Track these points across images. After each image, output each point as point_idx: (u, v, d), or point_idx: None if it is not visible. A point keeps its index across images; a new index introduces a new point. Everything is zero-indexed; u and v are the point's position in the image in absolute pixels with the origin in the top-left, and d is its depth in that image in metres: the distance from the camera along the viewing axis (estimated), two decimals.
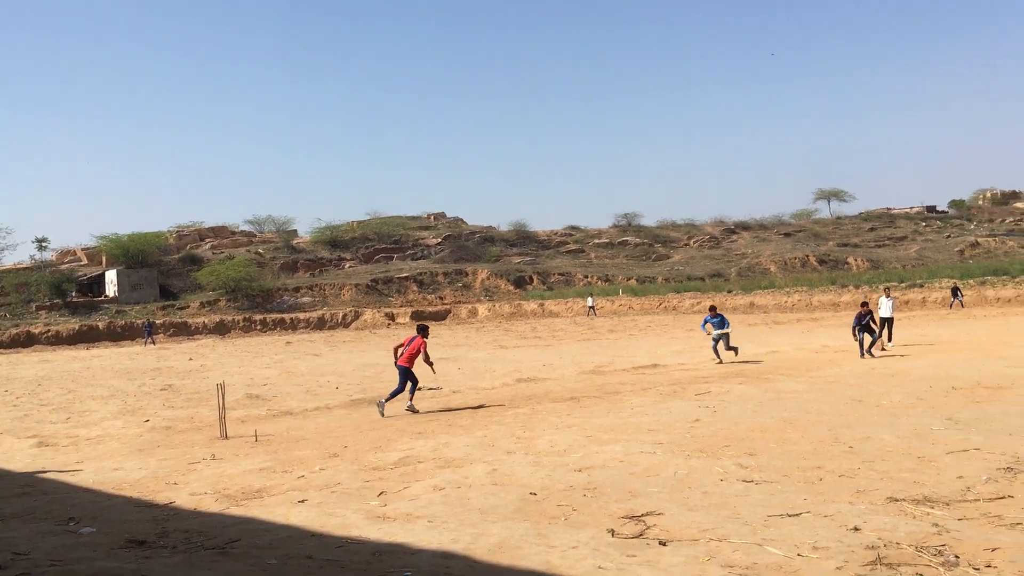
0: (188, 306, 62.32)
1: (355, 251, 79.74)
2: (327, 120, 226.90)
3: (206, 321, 57.30)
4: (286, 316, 59.82)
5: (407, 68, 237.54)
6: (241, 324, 57.68)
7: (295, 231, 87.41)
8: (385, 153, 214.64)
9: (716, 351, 21.14)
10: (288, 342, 43.60)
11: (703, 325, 22.11)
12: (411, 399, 14.56)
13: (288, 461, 10.51)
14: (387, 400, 14.44)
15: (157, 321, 55.04)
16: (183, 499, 8.71)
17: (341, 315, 60.24)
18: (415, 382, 14.76)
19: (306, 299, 65.87)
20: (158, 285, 66.10)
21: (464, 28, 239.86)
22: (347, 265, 76.94)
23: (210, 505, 8.40)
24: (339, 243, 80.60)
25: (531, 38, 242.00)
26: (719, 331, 21.24)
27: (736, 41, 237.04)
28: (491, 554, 6.26)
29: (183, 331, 55.41)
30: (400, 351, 14.97)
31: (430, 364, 15.00)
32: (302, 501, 8.23)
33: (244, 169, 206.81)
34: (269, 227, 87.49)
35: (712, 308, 22.33)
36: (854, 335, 20.83)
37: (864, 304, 21.50)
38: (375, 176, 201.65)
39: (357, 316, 60.13)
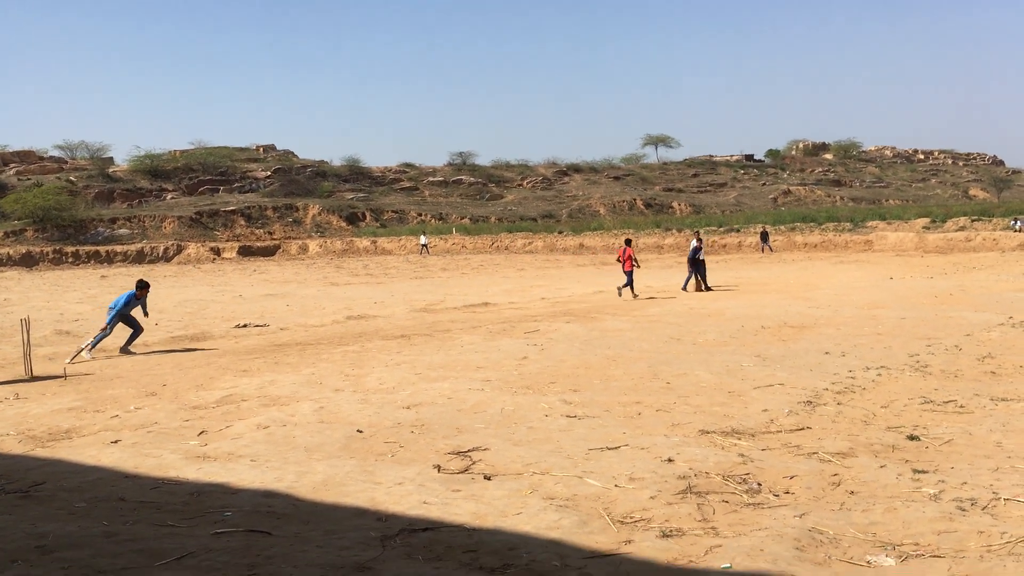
0: None
1: (178, 182, 75.76)
2: (148, 42, 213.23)
3: (11, 252, 53.20)
4: (101, 249, 56.43)
5: None
6: (51, 256, 54.01)
7: (111, 159, 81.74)
8: (210, 80, 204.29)
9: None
10: (103, 276, 41.26)
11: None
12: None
13: (101, 400, 9.98)
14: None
15: None
16: None
17: (162, 249, 57.39)
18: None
19: (124, 231, 62.24)
20: None
21: None
22: (169, 196, 73.10)
23: (12, 447, 7.88)
24: (160, 173, 76.17)
25: None
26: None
27: None
28: (315, 492, 6.19)
29: None
30: None
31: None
32: (115, 442, 7.85)
33: (53, 90, 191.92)
34: (82, 153, 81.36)
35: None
36: (689, 267, 23.12)
37: (698, 239, 23.91)
38: (200, 104, 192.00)
39: (180, 250, 57.48)
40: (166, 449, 7.50)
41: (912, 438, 7.15)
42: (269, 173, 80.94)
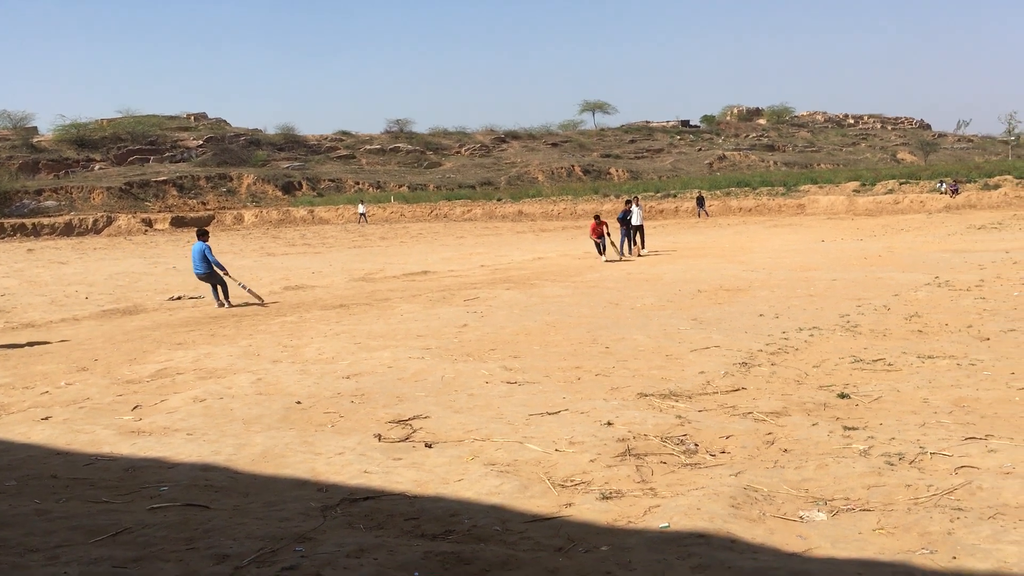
0: None
1: (106, 152, 73.57)
2: (70, 5, 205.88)
3: None
4: (27, 221, 54.63)
5: None
6: None
7: (35, 128, 78.92)
8: (138, 46, 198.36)
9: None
10: (30, 249, 40.02)
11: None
12: None
13: (29, 376, 9.72)
14: None
15: None
16: None
17: (91, 220, 55.80)
18: None
19: (50, 203, 60.33)
20: None
21: None
22: (97, 167, 70.99)
23: None
24: (87, 143, 73.83)
25: None
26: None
27: None
28: (254, 464, 6.13)
29: None
30: None
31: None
32: (46, 418, 7.66)
33: None
34: (4, 123, 78.43)
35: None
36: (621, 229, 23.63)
37: (627, 202, 24.58)
38: (127, 71, 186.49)
39: (110, 222, 55.96)
40: (99, 425, 7.35)
41: (843, 396, 7.33)
42: (201, 142, 79.10)
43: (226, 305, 15.43)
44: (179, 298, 17.25)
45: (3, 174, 62.37)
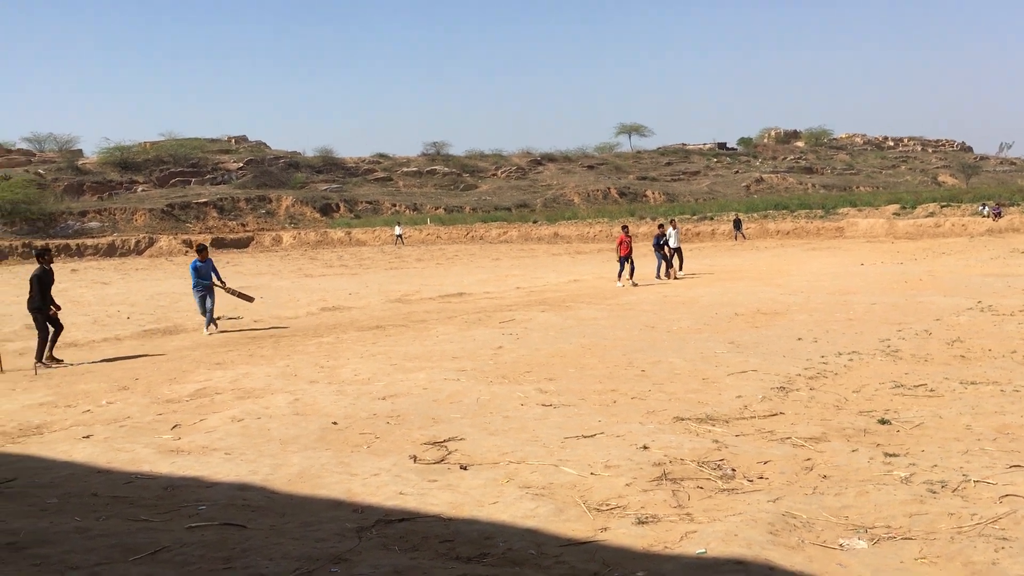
0: None
1: (148, 174, 74.93)
2: (117, 31, 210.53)
3: None
4: (71, 242, 55.69)
5: None
6: (20, 251, 53.18)
7: (80, 151, 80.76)
8: (181, 71, 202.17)
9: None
10: (74, 269, 40.76)
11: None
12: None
13: (72, 395, 9.88)
14: None
15: None
16: None
17: (134, 241, 56.81)
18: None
19: (94, 224, 61.50)
20: None
21: None
22: (140, 189, 72.28)
23: None
24: (131, 165, 75.29)
25: None
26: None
27: None
28: (291, 484, 6.16)
29: None
30: None
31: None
32: (87, 437, 7.77)
33: (21, 82, 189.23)
34: (50, 146, 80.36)
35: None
36: (656, 254, 23.62)
37: (661, 226, 24.35)
38: (170, 95, 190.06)
39: (152, 243, 56.91)
40: (139, 443, 7.44)
41: (883, 422, 7.22)
42: (241, 164, 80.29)
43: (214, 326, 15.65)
44: (218, 319, 17.43)
45: (49, 196, 63.77)
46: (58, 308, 12.77)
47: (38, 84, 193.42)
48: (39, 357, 12.20)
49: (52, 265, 13.02)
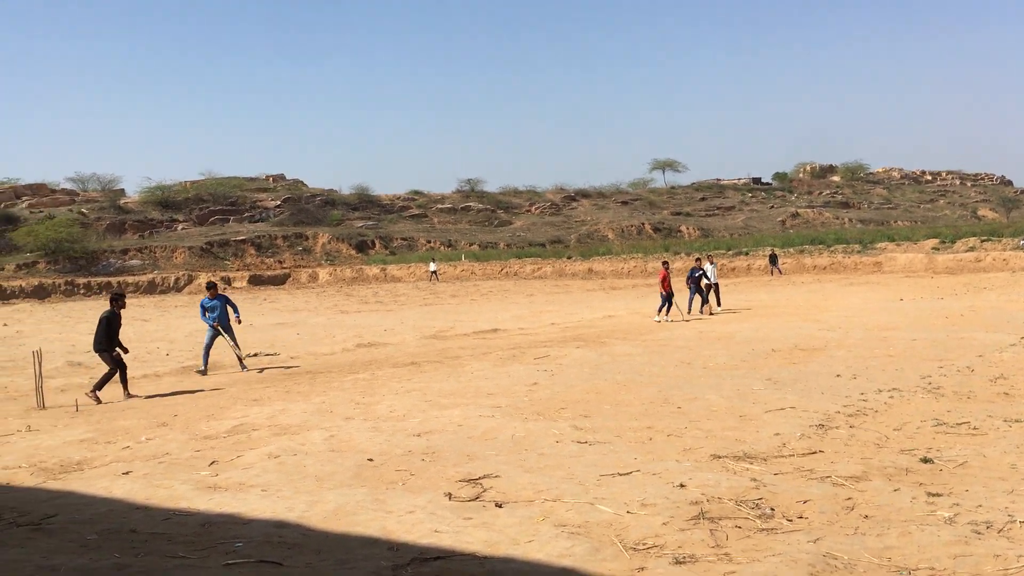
0: (3, 268, 57.95)
1: (188, 212, 76.15)
2: (158, 72, 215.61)
3: (23, 285, 53.45)
4: (113, 279, 56.56)
5: (242, 29, 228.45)
6: (63, 288, 54.18)
7: (122, 190, 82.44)
8: (220, 110, 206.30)
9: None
10: None
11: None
12: None
13: (112, 431, 10.00)
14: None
15: None
16: None
17: (173, 279, 57.60)
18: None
19: (135, 262, 62.54)
20: None
21: None
22: (180, 227, 73.46)
23: (24, 479, 7.89)
24: (171, 204, 76.63)
25: (374, 2, 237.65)
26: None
27: (572, 17, 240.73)
28: (326, 521, 6.17)
29: None
30: None
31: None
32: (127, 473, 7.85)
33: (65, 122, 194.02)
34: (93, 186, 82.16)
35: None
36: (688, 288, 23.36)
37: (697, 259, 24.54)
38: (210, 134, 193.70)
39: (191, 280, 57.64)
40: (177, 480, 7.50)
41: (926, 461, 7.09)
42: (279, 202, 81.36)
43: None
44: (255, 355, 17.62)
45: (91, 234, 65.04)
46: (125, 351, 13.31)
47: (82, 126, 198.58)
48: (98, 387, 12.68)
49: (123, 309, 13.86)
